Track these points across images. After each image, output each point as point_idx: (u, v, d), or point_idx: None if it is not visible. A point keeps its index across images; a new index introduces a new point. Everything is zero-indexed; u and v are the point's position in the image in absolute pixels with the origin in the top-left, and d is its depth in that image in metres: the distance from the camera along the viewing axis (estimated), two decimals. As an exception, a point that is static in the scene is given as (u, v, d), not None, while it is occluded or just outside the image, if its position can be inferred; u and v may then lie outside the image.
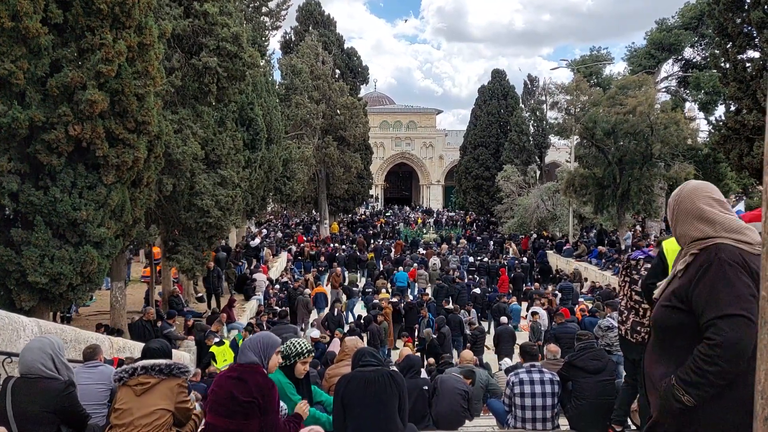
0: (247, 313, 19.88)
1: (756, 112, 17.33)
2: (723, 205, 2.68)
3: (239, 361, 4.16)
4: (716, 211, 2.65)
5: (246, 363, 4.07)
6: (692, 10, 36.68)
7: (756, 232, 2.56)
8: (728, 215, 2.64)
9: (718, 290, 2.48)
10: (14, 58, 9.02)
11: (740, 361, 2.40)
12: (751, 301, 2.40)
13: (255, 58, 15.68)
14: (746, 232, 2.58)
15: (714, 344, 2.43)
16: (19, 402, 4.04)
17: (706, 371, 2.44)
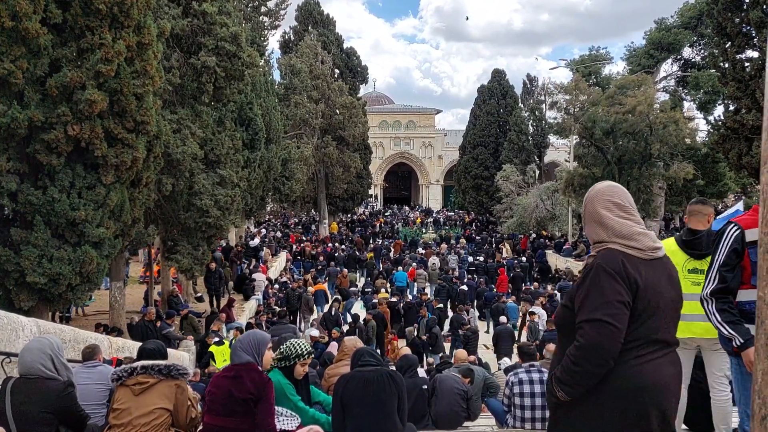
0: (246, 312, 19.87)
1: (755, 112, 17.33)
2: (624, 209, 2.75)
3: (233, 362, 4.14)
4: (612, 215, 2.73)
5: (240, 363, 4.07)
6: (691, 9, 36.69)
7: (650, 238, 2.68)
8: (623, 220, 2.71)
9: (589, 295, 2.62)
10: (14, 58, 9.02)
11: (603, 362, 2.55)
12: (617, 307, 2.53)
13: (254, 58, 15.67)
14: (637, 237, 2.67)
15: (579, 346, 2.60)
16: (18, 402, 4.04)
17: (573, 371, 2.62)
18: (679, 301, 2.77)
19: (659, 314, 2.64)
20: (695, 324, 4.32)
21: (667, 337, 2.70)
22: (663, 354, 2.68)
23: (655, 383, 2.63)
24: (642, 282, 2.61)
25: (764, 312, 1.55)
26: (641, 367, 2.61)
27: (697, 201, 4.89)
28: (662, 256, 2.75)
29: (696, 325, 4.30)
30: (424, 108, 67.55)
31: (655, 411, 2.63)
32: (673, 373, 2.71)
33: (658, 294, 2.65)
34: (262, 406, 3.90)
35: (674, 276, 2.79)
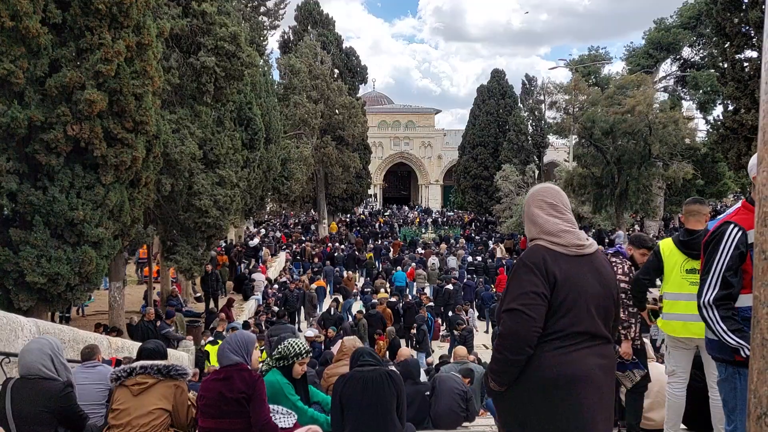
0: (245, 312, 19.88)
1: (754, 112, 17.34)
2: (555, 208, 2.89)
3: (221, 364, 4.13)
4: (543, 213, 2.88)
5: (230, 364, 4.07)
6: (690, 9, 36.74)
7: (575, 236, 2.83)
8: (551, 218, 2.86)
9: (510, 287, 2.82)
10: (13, 58, 9.02)
11: (519, 350, 2.71)
12: (533, 297, 2.69)
13: (253, 58, 15.67)
14: (562, 234, 2.82)
15: (499, 335, 2.80)
16: (18, 402, 4.05)
17: (496, 359, 2.82)
18: (607, 297, 2.85)
19: (579, 307, 2.74)
20: (694, 324, 4.31)
21: (592, 330, 2.78)
22: (587, 346, 2.76)
23: (575, 374, 2.72)
24: (561, 276, 2.73)
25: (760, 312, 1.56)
26: (561, 358, 2.72)
27: (694, 201, 4.88)
28: (590, 252, 2.86)
29: (695, 325, 4.29)
30: (424, 108, 67.55)
31: (577, 401, 2.72)
32: (597, 364, 2.78)
33: (579, 288, 2.75)
34: (254, 404, 3.91)
35: (603, 272, 2.88)
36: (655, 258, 4.72)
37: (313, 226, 42.58)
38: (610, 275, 2.93)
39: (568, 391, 2.72)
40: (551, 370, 2.72)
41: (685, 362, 4.74)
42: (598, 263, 2.88)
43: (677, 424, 4.85)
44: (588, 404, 2.76)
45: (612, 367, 2.93)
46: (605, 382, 2.85)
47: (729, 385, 3.16)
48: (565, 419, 2.74)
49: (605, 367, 2.84)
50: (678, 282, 4.52)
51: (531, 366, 2.74)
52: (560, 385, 2.72)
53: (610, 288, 2.88)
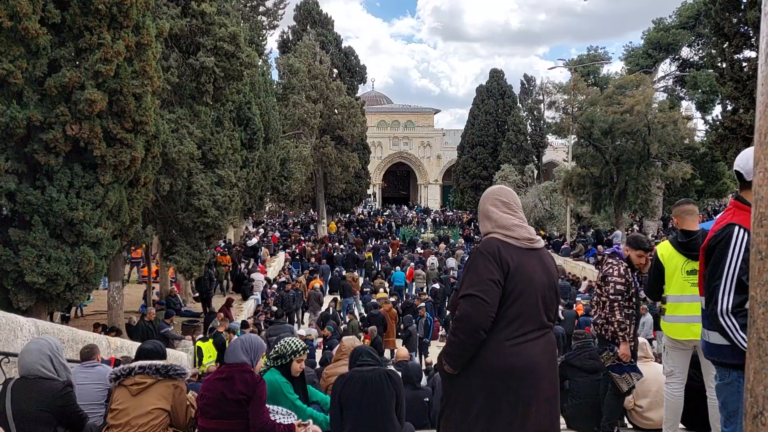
0: (244, 312, 19.87)
1: (753, 112, 17.27)
2: (508, 206, 3.13)
3: (227, 360, 4.14)
4: (498, 211, 3.12)
5: (234, 363, 4.08)
6: (689, 9, 36.77)
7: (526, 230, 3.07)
8: (505, 214, 3.10)
9: (467, 275, 3.02)
10: (12, 58, 9.01)
11: (474, 333, 2.88)
12: (488, 284, 2.89)
13: (252, 58, 15.67)
14: (515, 229, 3.06)
15: (455, 318, 2.98)
16: (18, 402, 4.06)
17: (451, 342, 3.00)
18: (552, 288, 3.07)
19: (528, 295, 2.95)
20: (696, 326, 4.31)
21: (539, 319, 3.00)
22: (534, 336, 2.97)
23: (524, 365, 2.91)
24: (513, 265, 2.94)
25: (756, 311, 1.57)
26: (514, 348, 2.92)
27: (686, 201, 4.89)
28: (539, 247, 3.10)
29: (697, 326, 4.28)
30: (423, 108, 67.54)
31: (520, 391, 2.90)
32: (543, 354, 2.98)
33: (528, 277, 2.96)
34: (253, 405, 3.91)
35: (548, 264, 3.11)
36: (656, 265, 4.73)
37: (312, 226, 42.58)
38: (553, 268, 3.14)
39: (515, 379, 2.90)
40: (501, 359, 2.91)
41: (683, 363, 4.75)
42: (544, 257, 3.12)
43: (676, 424, 4.86)
44: (528, 393, 2.92)
45: (555, 356, 3.10)
46: (551, 372, 3.02)
47: (732, 389, 3.09)
48: (506, 406, 2.90)
49: (550, 356, 3.02)
50: (680, 284, 4.52)
51: (481, 354, 2.92)
52: (508, 374, 2.90)
53: (553, 280, 3.09)
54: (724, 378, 3.15)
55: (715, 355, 3.20)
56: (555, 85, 34.91)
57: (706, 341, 3.25)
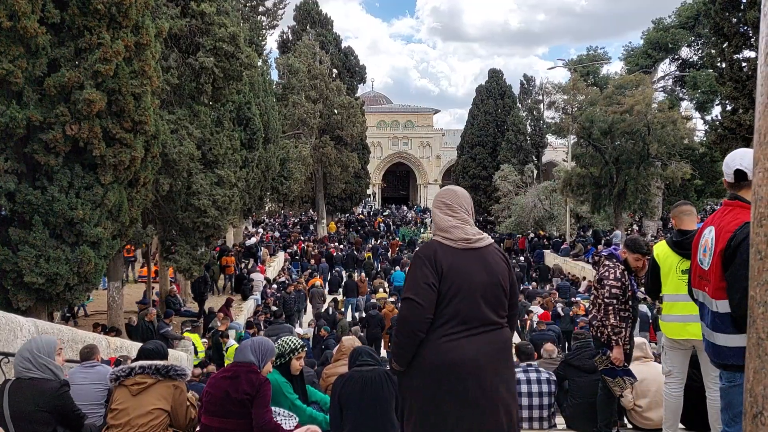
0: (244, 312, 19.87)
1: (752, 112, 17.35)
2: (450, 207, 3.19)
3: (236, 359, 4.17)
4: (439, 213, 3.20)
5: (241, 362, 4.09)
6: (689, 9, 36.77)
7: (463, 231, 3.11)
8: (445, 216, 3.17)
9: (407, 279, 3.13)
10: (12, 58, 9.01)
11: (410, 334, 3.01)
12: (423, 287, 2.99)
13: (252, 58, 15.67)
14: (451, 230, 3.12)
15: (396, 320, 3.19)
16: (15, 402, 4.07)
17: (394, 342, 3.15)
18: (494, 285, 3.09)
19: (465, 294, 3.01)
20: (692, 325, 4.31)
21: (480, 316, 3.04)
22: (474, 333, 3.02)
23: (458, 360, 2.97)
24: (447, 267, 3.02)
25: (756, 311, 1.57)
26: (448, 345, 2.99)
27: (684, 202, 4.89)
28: (479, 246, 3.13)
29: (693, 326, 4.29)
30: (422, 108, 67.50)
31: (458, 385, 2.97)
32: (485, 350, 3.02)
33: (465, 277, 3.02)
34: (256, 405, 3.91)
35: (491, 263, 3.12)
36: (652, 265, 4.74)
37: (312, 226, 42.58)
38: (500, 266, 3.15)
39: (451, 375, 2.97)
40: (437, 356, 2.99)
41: (682, 363, 4.75)
42: (488, 255, 3.14)
43: (675, 424, 4.86)
44: (468, 388, 2.97)
45: (503, 352, 3.12)
46: (493, 367, 3.03)
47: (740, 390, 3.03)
48: (446, 402, 2.97)
49: (493, 352, 3.05)
50: (675, 283, 4.52)
51: (421, 351, 3.02)
52: (443, 370, 2.98)
53: (497, 277, 3.10)
54: (732, 380, 3.09)
55: (721, 358, 3.15)
56: (554, 85, 34.94)
57: (713, 343, 3.18)
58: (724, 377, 3.19)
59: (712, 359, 3.26)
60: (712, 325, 3.17)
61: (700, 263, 3.30)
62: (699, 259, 3.32)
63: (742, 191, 3.14)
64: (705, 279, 3.23)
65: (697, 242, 3.37)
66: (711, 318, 3.18)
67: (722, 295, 3.07)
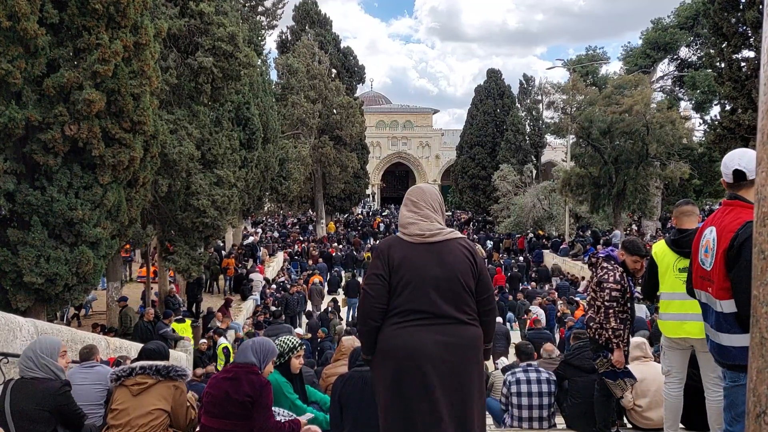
0: (243, 312, 19.87)
1: (751, 112, 17.38)
2: (415, 204, 3.32)
3: (237, 360, 4.15)
4: (404, 210, 3.35)
5: (242, 363, 4.08)
6: (688, 9, 36.80)
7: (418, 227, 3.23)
8: (407, 212, 3.31)
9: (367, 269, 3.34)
10: (11, 58, 9.01)
11: (363, 322, 3.21)
12: (374, 279, 3.18)
13: (251, 58, 15.67)
14: (407, 226, 3.26)
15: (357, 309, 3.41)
16: (16, 402, 4.08)
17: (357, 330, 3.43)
18: (450, 279, 3.15)
19: (416, 287, 3.12)
20: (688, 323, 4.31)
21: (432, 309, 3.12)
22: (425, 324, 3.10)
23: (406, 346, 3.08)
24: (399, 260, 3.16)
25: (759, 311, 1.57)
26: (396, 332, 3.12)
27: (686, 202, 4.87)
28: (434, 241, 3.22)
29: (689, 324, 4.29)
30: (422, 108, 67.53)
31: (408, 372, 3.07)
32: (434, 340, 3.08)
33: (416, 271, 3.14)
34: (258, 406, 3.90)
35: (447, 258, 3.19)
36: (650, 264, 4.74)
37: (311, 226, 42.58)
38: (457, 261, 3.20)
39: (402, 360, 3.08)
40: (386, 342, 3.13)
41: (680, 362, 4.74)
42: (444, 250, 3.21)
43: (675, 423, 4.85)
44: (416, 377, 3.06)
45: (462, 348, 3.13)
46: (445, 359, 3.08)
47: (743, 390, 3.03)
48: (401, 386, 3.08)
49: (446, 344, 3.10)
50: (672, 282, 4.52)
51: (379, 340, 3.17)
52: (392, 356, 3.11)
53: (453, 272, 3.16)
54: (735, 380, 3.09)
55: (725, 358, 3.14)
56: (553, 85, 34.94)
57: (717, 343, 3.18)
58: (728, 377, 3.18)
59: (717, 359, 3.26)
60: (717, 325, 3.16)
61: (702, 264, 3.28)
62: (701, 260, 3.30)
63: (741, 191, 3.14)
64: (707, 279, 3.22)
65: (697, 243, 3.36)
66: (715, 318, 3.17)
67: (726, 295, 3.06)
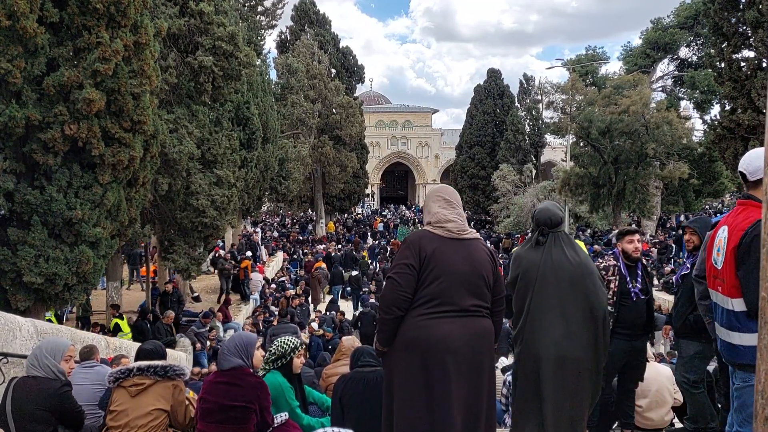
0: (243, 312, 19.86)
1: (751, 112, 17.37)
2: (448, 203, 3.45)
3: (221, 368, 4.06)
4: (436, 206, 3.45)
5: (231, 367, 4.01)
6: (687, 9, 36.79)
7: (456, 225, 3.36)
8: (442, 210, 3.40)
9: (394, 260, 3.42)
10: (11, 57, 8.98)
11: (388, 310, 3.24)
12: (402, 267, 3.24)
13: (251, 58, 15.65)
14: (445, 224, 3.36)
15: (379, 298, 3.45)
16: (17, 401, 4.08)
17: (377, 321, 3.37)
18: (476, 276, 3.29)
19: (445, 279, 3.22)
20: None
21: (458, 302, 3.24)
22: (450, 316, 3.20)
23: (430, 337, 3.16)
24: (431, 252, 3.25)
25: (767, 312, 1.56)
26: (421, 323, 3.20)
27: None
28: (467, 238, 3.36)
29: None
30: (421, 107, 67.53)
31: (431, 362, 3.15)
32: (458, 333, 3.19)
33: (446, 264, 3.24)
34: (257, 411, 3.88)
35: (475, 256, 3.33)
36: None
37: (311, 226, 42.56)
38: (484, 260, 3.35)
39: (427, 352, 3.16)
40: (411, 332, 3.20)
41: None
42: (473, 248, 3.36)
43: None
44: (441, 367, 3.15)
45: (481, 339, 3.26)
46: (468, 352, 3.19)
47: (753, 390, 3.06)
48: (419, 378, 3.16)
49: (469, 336, 3.22)
50: None
51: (399, 332, 3.24)
52: (419, 347, 3.17)
53: (480, 269, 3.30)
54: (746, 380, 3.10)
55: (736, 357, 3.16)
56: (553, 85, 34.92)
57: (728, 342, 3.19)
58: (738, 377, 3.20)
59: (727, 358, 3.27)
60: (728, 324, 3.17)
61: (714, 263, 3.30)
62: (713, 259, 3.32)
63: (752, 190, 3.18)
64: (719, 279, 3.24)
65: (711, 243, 3.37)
66: (726, 317, 3.18)
67: (737, 294, 3.08)
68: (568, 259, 3.79)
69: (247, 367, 4.05)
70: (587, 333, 3.71)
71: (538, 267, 3.78)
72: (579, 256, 3.85)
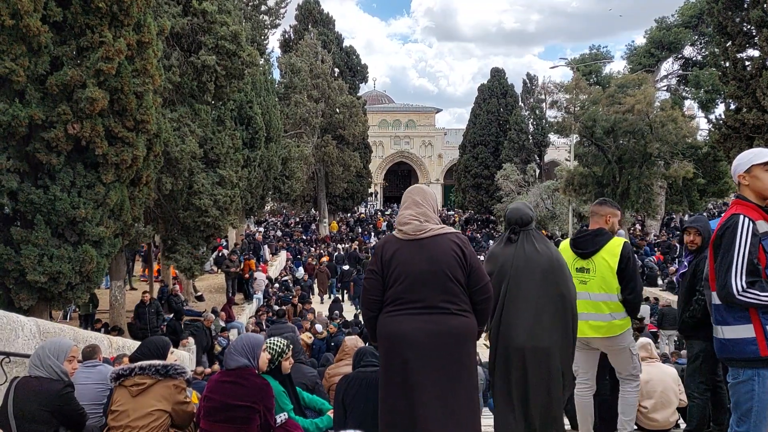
0: (246, 311, 19.86)
1: (755, 111, 17.29)
2: (415, 203, 3.56)
3: (227, 367, 4.06)
4: (402, 208, 3.63)
5: (237, 367, 4.01)
6: (692, 8, 36.70)
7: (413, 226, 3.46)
8: (404, 211, 3.56)
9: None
10: (14, 57, 8.99)
11: (363, 311, 3.61)
12: (369, 273, 3.55)
13: (254, 57, 15.64)
14: (403, 225, 3.52)
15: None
16: (19, 401, 4.07)
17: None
18: (434, 273, 3.38)
19: (405, 280, 3.40)
20: (585, 323, 4.41)
21: (422, 299, 3.39)
22: (414, 312, 3.38)
23: (395, 332, 3.38)
24: (389, 256, 3.47)
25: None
26: (387, 320, 3.44)
27: (599, 201, 4.86)
28: (423, 237, 3.46)
29: (584, 324, 4.38)
30: (424, 107, 67.44)
31: (397, 356, 3.37)
32: (422, 328, 3.35)
33: (406, 265, 3.41)
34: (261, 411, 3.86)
35: (434, 254, 3.42)
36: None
37: (314, 225, 42.57)
38: (445, 256, 3.42)
39: (390, 346, 3.40)
40: (380, 329, 3.47)
41: (586, 362, 4.80)
42: (432, 246, 3.44)
43: (586, 423, 4.86)
44: (401, 361, 3.35)
45: (443, 333, 3.36)
46: (428, 345, 3.34)
47: (746, 387, 3.10)
48: (390, 371, 3.40)
49: (430, 332, 3.35)
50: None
51: (377, 327, 3.51)
52: (384, 341, 3.45)
53: (439, 266, 3.39)
54: (737, 377, 3.14)
55: (727, 353, 3.19)
56: (557, 84, 34.87)
57: (719, 338, 3.22)
58: (729, 374, 3.22)
59: (718, 355, 3.32)
60: (715, 319, 3.24)
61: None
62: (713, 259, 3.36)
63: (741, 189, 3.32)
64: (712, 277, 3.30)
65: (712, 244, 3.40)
66: (714, 312, 3.24)
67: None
68: (539, 253, 3.97)
69: (253, 367, 4.04)
70: (559, 323, 3.90)
71: (512, 261, 3.96)
72: (550, 250, 4.03)
